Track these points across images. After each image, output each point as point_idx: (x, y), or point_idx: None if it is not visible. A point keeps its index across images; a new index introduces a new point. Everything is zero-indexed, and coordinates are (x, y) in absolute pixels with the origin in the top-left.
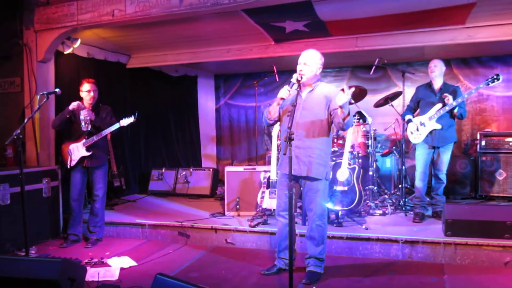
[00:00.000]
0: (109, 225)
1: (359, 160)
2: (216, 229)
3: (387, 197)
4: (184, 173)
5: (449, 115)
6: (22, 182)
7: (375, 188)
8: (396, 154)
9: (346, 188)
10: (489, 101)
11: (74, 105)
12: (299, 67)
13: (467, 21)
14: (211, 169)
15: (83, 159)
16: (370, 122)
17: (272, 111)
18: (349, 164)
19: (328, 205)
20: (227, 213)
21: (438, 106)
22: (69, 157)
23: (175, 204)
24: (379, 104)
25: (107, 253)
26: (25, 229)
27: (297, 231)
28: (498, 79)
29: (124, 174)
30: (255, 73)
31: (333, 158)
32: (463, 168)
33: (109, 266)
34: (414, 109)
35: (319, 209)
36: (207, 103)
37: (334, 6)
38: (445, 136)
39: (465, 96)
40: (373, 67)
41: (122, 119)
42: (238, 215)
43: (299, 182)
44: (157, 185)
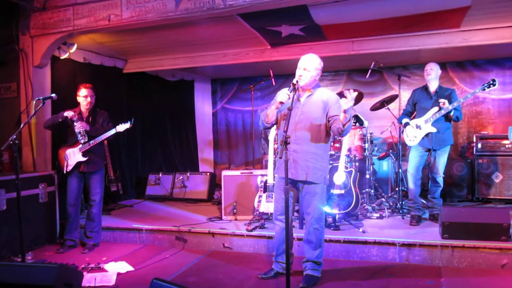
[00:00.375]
0: (106, 230)
1: (356, 164)
2: (213, 234)
3: (384, 200)
4: (181, 177)
5: (445, 118)
6: (18, 188)
7: (372, 191)
8: (393, 157)
9: (343, 192)
10: (485, 104)
11: (70, 114)
12: (298, 72)
13: (462, 25)
14: (208, 174)
15: (79, 164)
16: (366, 126)
17: (270, 115)
18: (346, 168)
19: (325, 209)
20: (224, 217)
21: (434, 109)
22: (65, 162)
23: (172, 209)
24: (375, 108)
25: (104, 258)
26: (21, 234)
27: (294, 234)
28: (494, 84)
29: (121, 179)
30: (251, 77)
31: (330, 162)
32: (459, 170)
33: (106, 271)
34: (411, 112)
35: (317, 212)
36: (204, 107)
37: (330, 10)
38: (442, 139)
39: (461, 101)
40: (369, 71)
41: (118, 125)
42: (235, 219)
43: (296, 185)
44: (154, 189)
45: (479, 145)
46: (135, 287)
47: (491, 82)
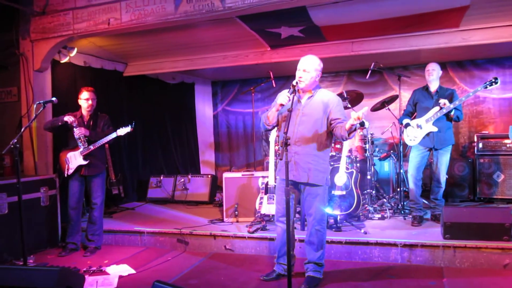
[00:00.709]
0: (107, 233)
1: (357, 164)
2: (215, 236)
3: (385, 201)
4: (183, 180)
5: (446, 118)
6: (20, 191)
7: (373, 192)
8: (394, 157)
9: (344, 193)
10: (485, 103)
11: (70, 119)
12: (298, 74)
13: (461, 24)
14: (209, 176)
15: (80, 167)
16: (367, 126)
17: (271, 117)
18: (347, 169)
19: (327, 210)
20: (225, 219)
21: (435, 109)
22: (66, 166)
23: (174, 211)
24: (376, 108)
25: (105, 261)
26: (22, 238)
27: (296, 236)
28: (496, 82)
29: (122, 181)
30: (252, 79)
31: (331, 163)
32: (461, 170)
33: (107, 274)
34: (412, 112)
35: (318, 214)
36: (204, 109)
37: (329, 11)
38: (444, 138)
39: (463, 99)
40: (369, 71)
41: (119, 129)
42: (237, 221)
43: (298, 187)
44: (156, 192)
45: (480, 145)
46: None
47: (493, 80)
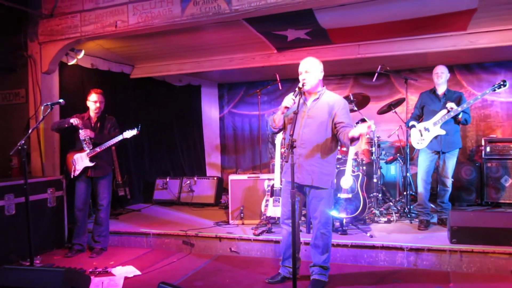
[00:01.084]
0: (113, 235)
1: (363, 167)
2: (220, 238)
3: (392, 204)
4: (189, 182)
5: (454, 121)
6: (27, 192)
7: (379, 195)
8: (401, 161)
9: (350, 196)
10: (493, 107)
11: (76, 121)
12: (301, 76)
13: (468, 27)
14: (215, 178)
15: (87, 169)
16: (373, 129)
17: (277, 120)
18: (353, 171)
19: (332, 213)
20: (231, 221)
21: (443, 112)
22: (73, 167)
23: (180, 213)
24: (382, 111)
25: (111, 263)
26: (29, 239)
27: (302, 239)
28: (504, 85)
29: (129, 183)
30: (258, 81)
31: (337, 166)
32: (468, 174)
33: (113, 275)
34: (419, 115)
35: (324, 217)
36: (211, 112)
37: (335, 14)
38: (451, 141)
39: (471, 102)
40: (376, 74)
41: (125, 131)
42: (242, 223)
43: (303, 190)
44: (162, 194)
45: (488, 149)
46: None
47: (501, 83)
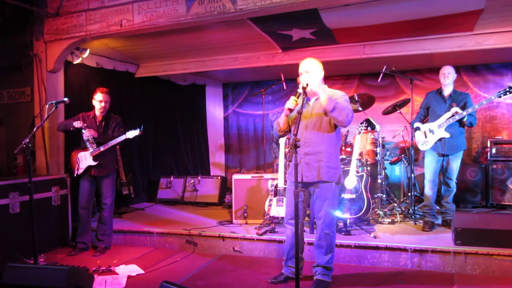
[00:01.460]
0: (117, 233)
1: (368, 168)
2: (223, 237)
3: (396, 205)
4: (193, 181)
5: (459, 123)
6: (31, 191)
7: (384, 196)
8: (405, 162)
9: (354, 196)
10: (499, 108)
11: (78, 124)
12: (302, 77)
13: (475, 28)
14: (219, 177)
15: (90, 168)
16: (378, 130)
17: (281, 122)
18: (357, 172)
19: (336, 213)
20: (234, 221)
21: (448, 114)
22: (76, 165)
23: (183, 212)
24: (387, 112)
25: (114, 261)
26: (33, 237)
27: (305, 239)
28: (510, 92)
29: (133, 182)
30: (263, 81)
31: (341, 166)
32: (473, 176)
33: (116, 274)
34: (425, 116)
35: (328, 217)
36: (215, 111)
37: (341, 13)
38: (455, 144)
39: (476, 107)
40: (381, 75)
41: (128, 131)
42: (246, 223)
43: (309, 189)
44: (166, 193)
45: (494, 150)
46: None
47: (507, 90)
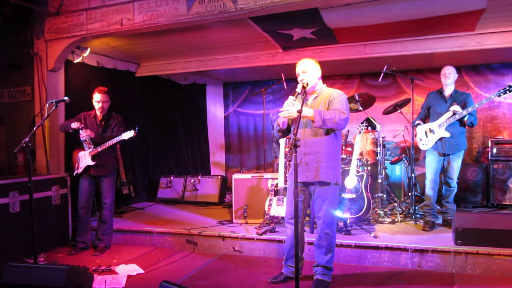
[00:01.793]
0: (117, 233)
1: (368, 168)
2: (223, 237)
3: (396, 205)
4: (193, 180)
5: (459, 123)
6: (31, 190)
7: (384, 196)
8: (406, 161)
9: (354, 196)
10: (500, 108)
11: (76, 125)
12: (300, 77)
13: (476, 28)
14: (219, 177)
15: (89, 167)
16: (379, 129)
17: (281, 122)
18: (358, 172)
19: (336, 213)
20: (234, 220)
21: (449, 114)
22: (77, 164)
23: (183, 212)
24: (388, 111)
25: (114, 261)
26: (33, 236)
27: (306, 239)
28: (510, 90)
29: (133, 181)
30: (263, 80)
31: (342, 166)
32: (474, 176)
33: (116, 273)
34: (426, 116)
35: (328, 217)
36: (216, 111)
37: (342, 13)
38: (456, 144)
39: (476, 106)
40: (382, 74)
41: (124, 132)
42: (246, 222)
43: (308, 189)
44: (166, 192)
45: (494, 150)
46: None
47: (507, 88)
